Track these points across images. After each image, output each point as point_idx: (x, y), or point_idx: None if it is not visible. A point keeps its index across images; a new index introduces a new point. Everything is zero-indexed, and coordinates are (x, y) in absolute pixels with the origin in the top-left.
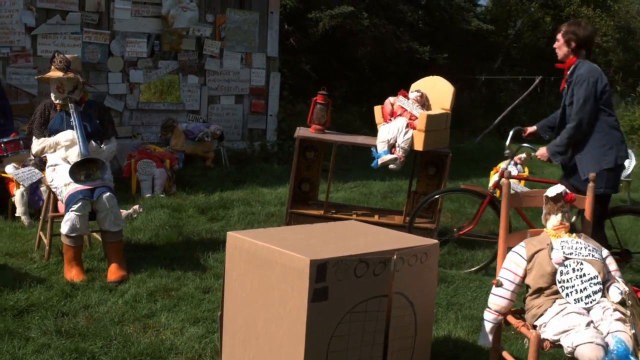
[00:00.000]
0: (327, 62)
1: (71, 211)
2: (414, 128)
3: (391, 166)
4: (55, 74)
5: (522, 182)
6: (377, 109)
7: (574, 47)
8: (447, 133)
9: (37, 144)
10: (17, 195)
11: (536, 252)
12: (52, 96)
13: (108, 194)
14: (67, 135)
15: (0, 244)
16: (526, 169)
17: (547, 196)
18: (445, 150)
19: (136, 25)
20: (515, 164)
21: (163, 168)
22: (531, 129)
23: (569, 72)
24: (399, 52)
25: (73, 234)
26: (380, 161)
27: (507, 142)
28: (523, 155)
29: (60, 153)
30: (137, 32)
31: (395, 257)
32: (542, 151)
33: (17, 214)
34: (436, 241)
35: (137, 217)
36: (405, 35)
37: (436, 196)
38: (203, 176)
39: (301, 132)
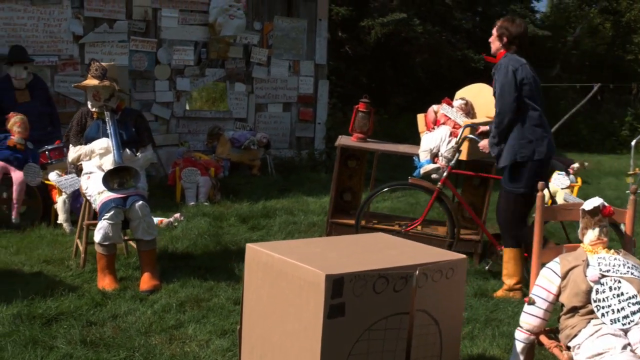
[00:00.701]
0: (382, 70)
1: (104, 219)
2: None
3: (433, 176)
4: (91, 82)
5: (575, 191)
6: (420, 117)
7: (505, 42)
8: None
9: (73, 152)
10: (59, 203)
11: (571, 269)
12: (89, 104)
13: (140, 202)
14: (102, 143)
15: (39, 251)
16: (579, 179)
17: (583, 209)
18: (490, 159)
19: (183, 33)
20: (568, 173)
21: (207, 176)
22: None
23: (495, 65)
24: (453, 60)
25: (106, 243)
26: (422, 171)
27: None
28: (576, 165)
29: (95, 161)
30: (184, 40)
31: (417, 272)
32: (484, 143)
33: (59, 221)
34: (464, 256)
35: (177, 225)
36: (461, 43)
37: (384, 189)
38: (248, 184)
39: (342, 140)
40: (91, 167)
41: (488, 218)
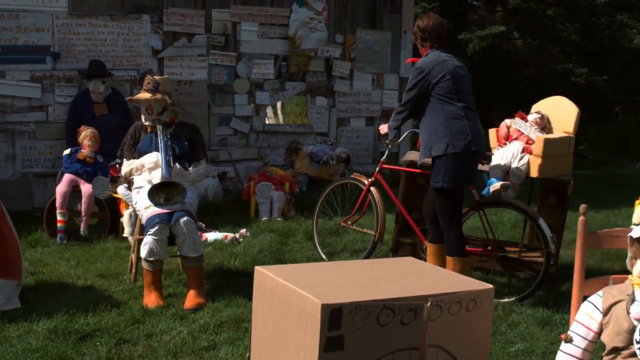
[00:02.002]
0: (480, 84)
1: (148, 235)
2: (530, 153)
3: (504, 194)
4: (143, 95)
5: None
6: (492, 132)
7: (419, 41)
8: (570, 159)
9: (125, 166)
10: (126, 216)
11: (614, 304)
12: (142, 118)
13: (186, 218)
14: (152, 158)
15: (97, 265)
16: None
17: (631, 237)
18: (566, 177)
19: (263, 47)
20: None
21: (282, 191)
22: None
23: None
24: (554, 74)
25: (151, 258)
26: (491, 189)
27: None
28: None
29: (145, 175)
30: (263, 53)
31: (429, 304)
32: (383, 126)
33: (124, 235)
34: (490, 286)
35: (241, 241)
36: (563, 56)
37: (333, 185)
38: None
39: (410, 156)
40: (141, 181)
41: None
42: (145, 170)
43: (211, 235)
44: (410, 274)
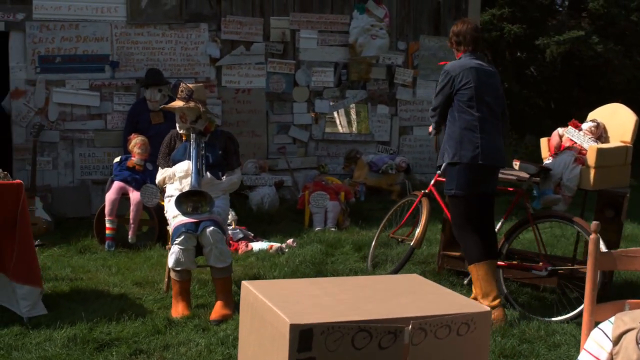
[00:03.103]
0: (566, 91)
1: (175, 244)
2: (583, 164)
3: (555, 207)
4: (177, 103)
5: None
6: (544, 142)
7: (454, 45)
8: (627, 170)
9: (159, 174)
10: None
11: (625, 332)
12: (177, 126)
13: (212, 228)
14: (183, 167)
15: (137, 273)
16: None
17: None
18: (622, 190)
19: (322, 55)
20: None
21: (337, 201)
22: None
23: None
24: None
25: (178, 268)
26: (542, 202)
27: None
28: None
29: (176, 184)
30: (323, 61)
31: (410, 327)
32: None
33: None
34: (486, 308)
35: (287, 251)
36: None
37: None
38: (383, 210)
39: None
40: (172, 190)
41: None
42: (176, 179)
43: (257, 245)
44: (405, 294)
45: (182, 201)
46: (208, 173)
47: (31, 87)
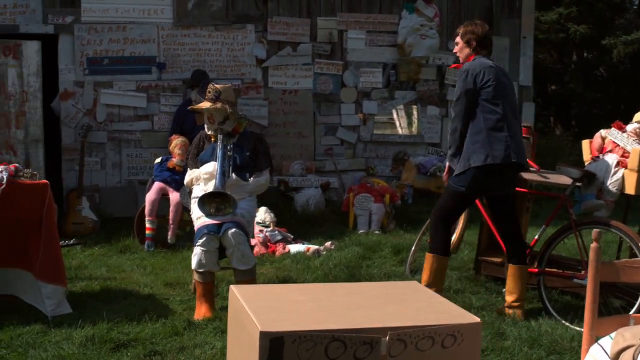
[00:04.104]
0: (635, 92)
1: (197, 246)
2: (626, 167)
3: (596, 213)
4: (204, 104)
5: None
6: (585, 144)
7: (474, 46)
8: None
9: (187, 175)
10: None
11: (623, 350)
12: (205, 127)
13: (234, 230)
14: (208, 168)
15: (169, 273)
16: None
17: None
18: None
19: (370, 55)
20: None
21: (382, 203)
22: None
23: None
24: None
25: (200, 270)
26: (583, 207)
27: None
28: None
29: (202, 186)
30: (371, 61)
31: (387, 338)
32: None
33: None
34: (476, 320)
35: (324, 254)
36: None
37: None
38: (430, 213)
39: None
40: (198, 191)
41: None
42: (202, 181)
43: (294, 247)
44: (394, 302)
45: (206, 202)
46: (234, 174)
47: (80, 88)
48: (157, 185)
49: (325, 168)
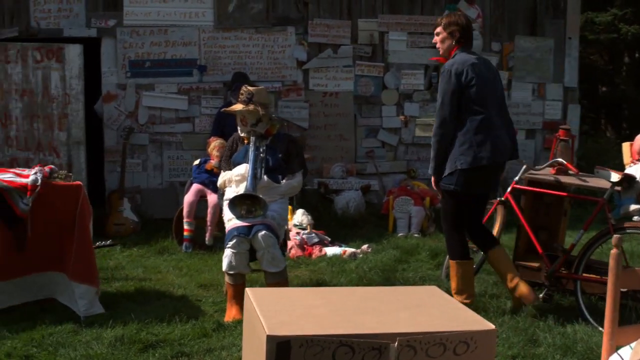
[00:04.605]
0: None
1: (227, 248)
2: None
3: (635, 218)
4: (237, 106)
5: None
6: (626, 147)
7: (458, 38)
8: None
9: (220, 177)
10: None
11: None
12: (238, 129)
13: (264, 232)
14: (240, 170)
15: (204, 275)
16: None
17: None
18: None
19: (412, 57)
20: None
21: (422, 206)
22: None
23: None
24: None
25: (231, 272)
26: (622, 211)
27: None
28: None
29: (233, 188)
30: (413, 63)
31: (396, 344)
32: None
33: None
34: (491, 326)
35: (360, 257)
36: None
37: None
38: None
39: (533, 174)
40: (230, 193)
41: None
42: (233, 183)
43: (331, 250)
44: (408, 307)
45: (237, 204)
46: (265, 177)
47: (122, 91)
48: (195, 187)
49: (366, 170)
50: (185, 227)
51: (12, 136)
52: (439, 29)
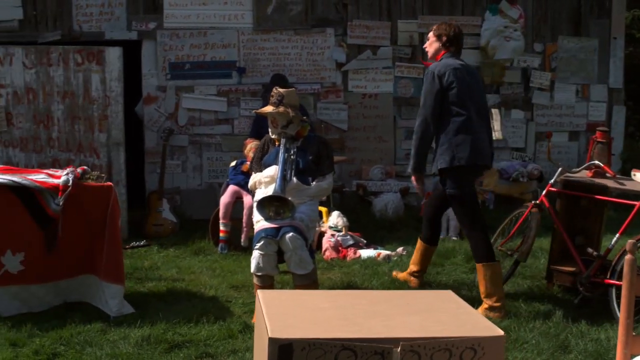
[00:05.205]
0: None
1: (255, 249)
2: None
3: None
4: (268, 108)
5: None
6: None
7: (445, 41)
8: None
9: (251, 179)
10: None
11: None
12: (269, 131)
13: (291, 234)
14: (270, 172)
15: (238, 276)
16: None
17: None
18: None
19: None
20: None
21: None
22: None
23: None
24: None
25: (259, 273)
26: None
27: None
28: None
29: (263, 189)
30: None
31: (399, 349)
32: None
33: None
34: (500, 333)
35: (394, 259)
36: None
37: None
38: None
39: (568, 177)
40: (259, 195)
41: None
42: (263, 184)
43: (365, 253)
44: (418, 312)
45: (265, 205)
46: (294, 178)
47: (162, 93)
48: (231, 188)
49: (406, 173)
50: (221, 228)
51: (54, 137)
52: (429, 35)
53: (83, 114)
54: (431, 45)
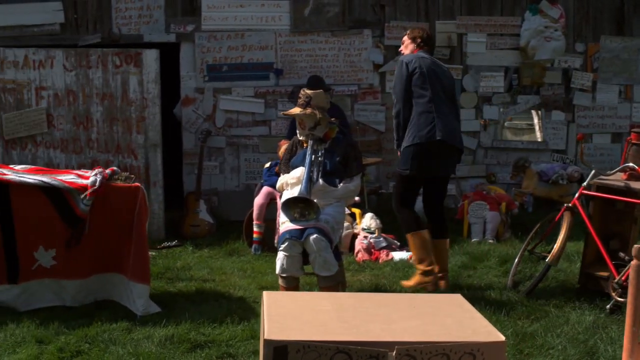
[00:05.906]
0: None
1: (280, 251)
2: None
3: None
4: (295, 110)
5: None
6: None
7: (419, 42)
8: None
9: (279, 180)
10: None
11: None
12: (297, 132)
13: (315, 236)
14: (296, 173)
15: (268, 277)
16: None
17: None
18: None
19: (491, 59)
20: None
21: (497, 211)
22: None
23: None
24: None
25: (283, 275)
26: None
27: None
28: None
29: (289, 190)
30: (492, 65)
31: (394, 352)
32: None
33: None
34: (501, 338)
35: None
36: None
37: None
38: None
39: (601, 180)
40: (286, 196)
41: None
42: (289, 185)
43: (398, 255)
44: (421, 315)
45: (290, 207)
46: (321, 180)
47: (200, 95)
48: (265, 189)
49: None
50: (255, 229)
51: (93, 139)
52: (404, 38)
53: (121, 115)
54: (407, 47)
